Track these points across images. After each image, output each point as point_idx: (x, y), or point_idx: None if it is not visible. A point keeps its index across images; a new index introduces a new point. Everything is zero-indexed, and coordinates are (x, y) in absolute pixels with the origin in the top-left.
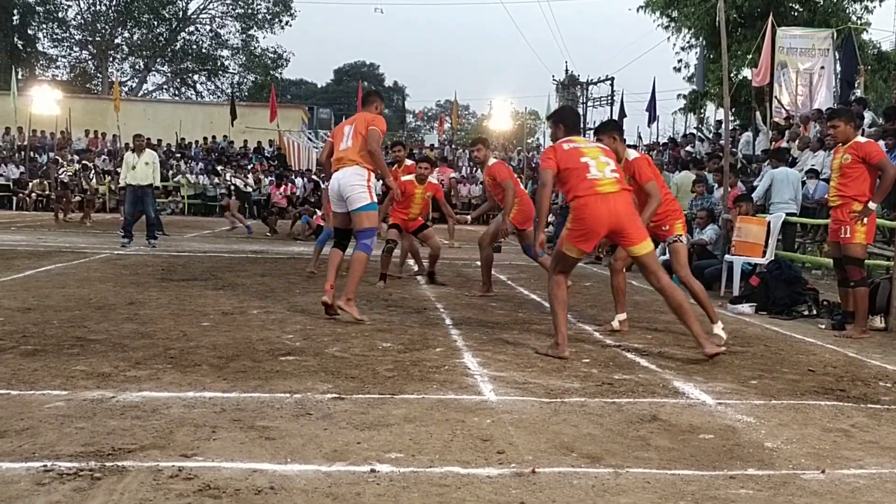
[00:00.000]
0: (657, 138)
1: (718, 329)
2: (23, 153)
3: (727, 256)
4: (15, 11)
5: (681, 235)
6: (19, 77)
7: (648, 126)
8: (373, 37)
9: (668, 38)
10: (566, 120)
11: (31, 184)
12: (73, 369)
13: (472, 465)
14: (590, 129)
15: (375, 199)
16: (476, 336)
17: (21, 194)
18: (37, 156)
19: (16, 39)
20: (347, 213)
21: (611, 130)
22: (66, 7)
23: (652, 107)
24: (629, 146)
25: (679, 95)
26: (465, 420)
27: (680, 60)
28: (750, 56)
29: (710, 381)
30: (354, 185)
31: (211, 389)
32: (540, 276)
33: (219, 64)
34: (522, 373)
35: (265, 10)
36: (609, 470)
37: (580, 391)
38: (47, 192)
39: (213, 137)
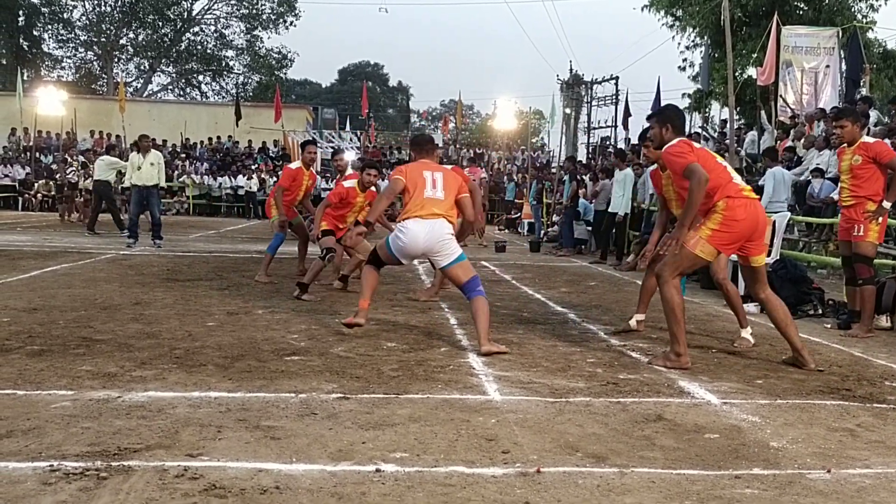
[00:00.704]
0: None
1: (747, 333)
2: (28, 154)
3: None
4: (20, 12)
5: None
6: (25, 78)
7: None
8: (377, 37)
9: (673, 37)
10: (675, 121)
11: (36, 184)
12: (79, 369)
13: (477, 465)
14: (594, 128)
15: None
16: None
17: (27, 195)
18: (42, 156)
19: (21, 40)
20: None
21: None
22: (71, 8)
23: (657, 106)
24: (634, 145)
25: (684, 94)
26: (470, 420)
27: (685, 59)
28: (755, 55)
29: (716, 380)
30: (446, 240)
31: (216, 389)
32: (544, 275)
33: (223, 64)
34: (527, 372)
35: (270, 11)
36: (614, 469)
37: (585, 391)
38: (53, 193)
39: (218, 138)
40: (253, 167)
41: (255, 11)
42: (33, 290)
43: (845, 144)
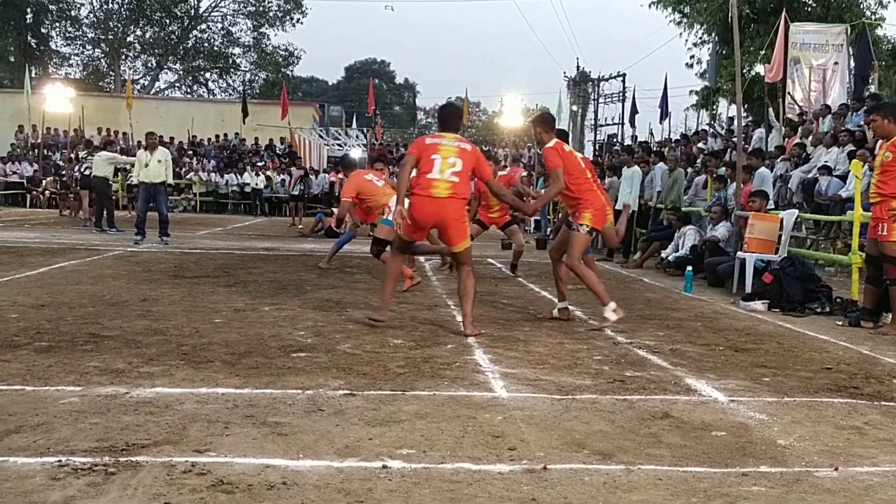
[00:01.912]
0: (669, 135)
1: (609, 311)
2: (36, 151)
3: (740, 253)
4: (28, 10)
5: (582, 225)
6: (33, 75)
7: (660, 122)
8: (384, 34)
9: (681, 33)
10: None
11: (44, 181)
12: (87, 365)
13: (484, 462)
14: (601, 125)
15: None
16: (487, 333)
17: (35, 192)
18: (50, 154)
19: (29, 38)
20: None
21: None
22: (78, 5)
23: (664, 103)
24: (641, 143)
25: (691, 91)
26: (477, 416)
27: (692, 56)
28: (763, 52)
29: (723, 378)
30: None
31: (223, 385)
32: (550, 272)
33: (230, 62)
34: (534, 369)
35: (276, 8)
36: (620, 467)
37: (592, 388)
38: (63, 190)
39: (225, 135)
40: (260, 164)
41: (261, 9)
42: (41, 287)
43: (882, 140)
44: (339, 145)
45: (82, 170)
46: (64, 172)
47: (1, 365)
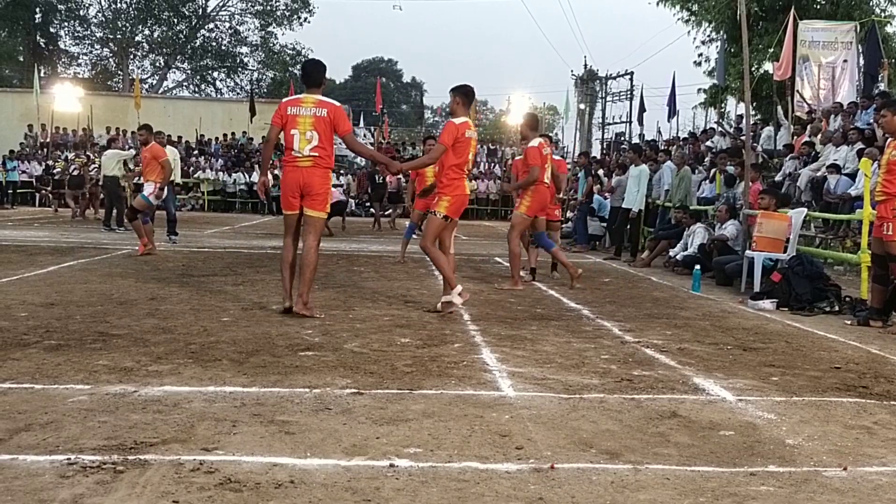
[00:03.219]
0: (677, 133)
1: (455, 295)
2: (45, 150)
3: (748, 252)
4: (37, 10)
5: (438, 212)
6: (41, 75)
7: (668, 121)
8: (391, 33)
9: (689, 31)
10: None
11: (52, 180)
12: (96, 364)
13: (491, 461)
14: (608, 123)
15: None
16: (495, 332)
17: (43, 191)
18: (59, 153)
19: (38, 38)
20: None
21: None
22: (87, 5)
23: (672, 101)
24: (649, 141)
25: (699, 90)
26: (484, 415)
27: (700, 55)
28: (771, 50)
29: (731, 377)
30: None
31: (231, 384)
32: (559, 271)
33: (238, 61)
34: (541, 368)
35: (284, 7)
36: (628, 466)
37: (599, 387)
38: (56, 189)
39: (233, 134)
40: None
41: (269, 8)
42: (50, 286)
43: (891, 138)
44: None
45: (89, 171)
46: (56, 172)
47: (10, 363)
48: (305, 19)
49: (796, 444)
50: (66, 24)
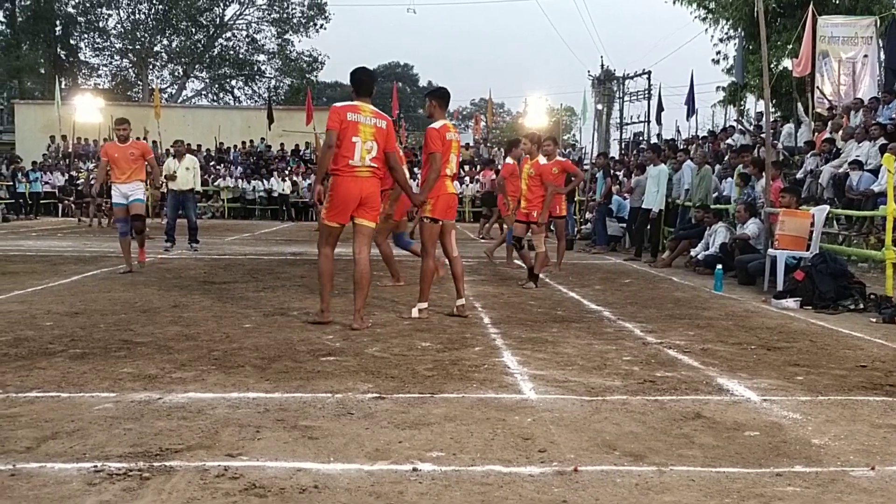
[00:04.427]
0: (696, 132)
1: (417, 308)
2: (67, 161)
3: (770, 250)
4: (57, 22)
5: (425, 217)
6: (62, 87)
7: (687, 119)
8: (406, 38)
9: (706, 29)
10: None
11: (75, 190)
12: (121, 371)
13: (514, 464)
14: (626, 123)
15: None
16: (515, 335)
17: (66, 201)
18: (81, 163)
19: (59, 50)
20: None
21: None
22: (106, 17)
23: (690, 100)
24: (668, 140)
25: (718, 88)
26: (506, 419)
27: (718, 52)
28: (790, 46)
29: (755, 377)
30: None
31: (254, 390)
32: (578, 273)
33: (255, 69)
34: (562, 371)
35: (300, 14)
36: (652, 468)
37: (622, 389)
38: (79, 199)
39: (251, 141)
40: (286, 170)
41: (285, 15)
42: (74, 295)
43: None
44: None
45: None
46: (80, 183)
47: (37, 372)
48: (321, 26)
49: (823, 444)
50: (85, 35)
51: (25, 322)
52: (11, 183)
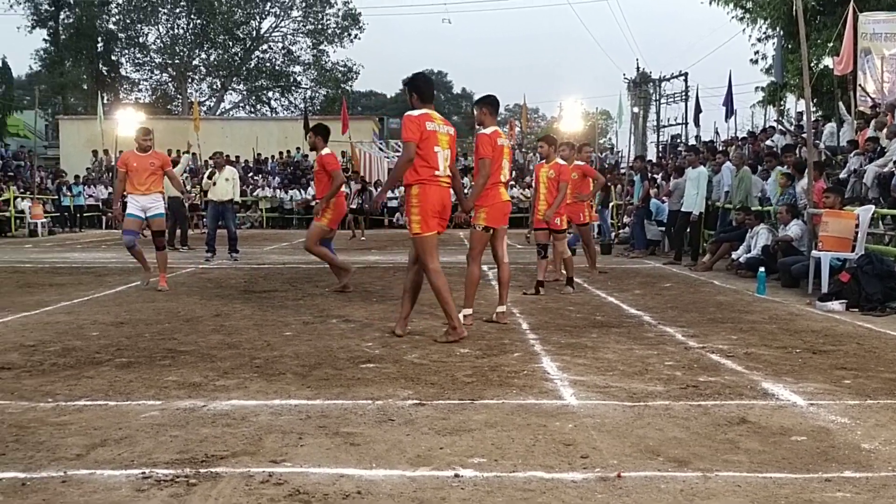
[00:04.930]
0: (735, 133)
1: (462, 314)
2: (110, 174)
3: (814, 252)
4: (99, 39)
5: (477, 224)
6: (105, 101)
7: (726, 121)
8: (440, 46)
9: (743, 29)
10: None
11: (119, 203)
12: (166, 380)
13: (556, 470)
14: (663, 126)
15: None
16: (554, 340)
17: (110, 213)
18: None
19: (100, 66)
20: None
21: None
22: (146, 32)
23: (729, 101)
24: (707, 142)
25: (757, 88)
26: (547, 425)
27: (756, 52)
28: (831, 44)
29: (801, 381)
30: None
31: (296, 397)
32: (616, 277)
33: (291, 80)
34: (603, 377)
35: (335, 25)
36: (697, 474)
37: (664, 394)
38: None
39: (288, 152)
40: None
41: (320, 26)
42: (119, 305)
43: None
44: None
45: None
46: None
47: (85, 381)
48: (356, 36)
49: (872, 449)
50: (126, 51)
51: (73, 332)
52: (57, 197)
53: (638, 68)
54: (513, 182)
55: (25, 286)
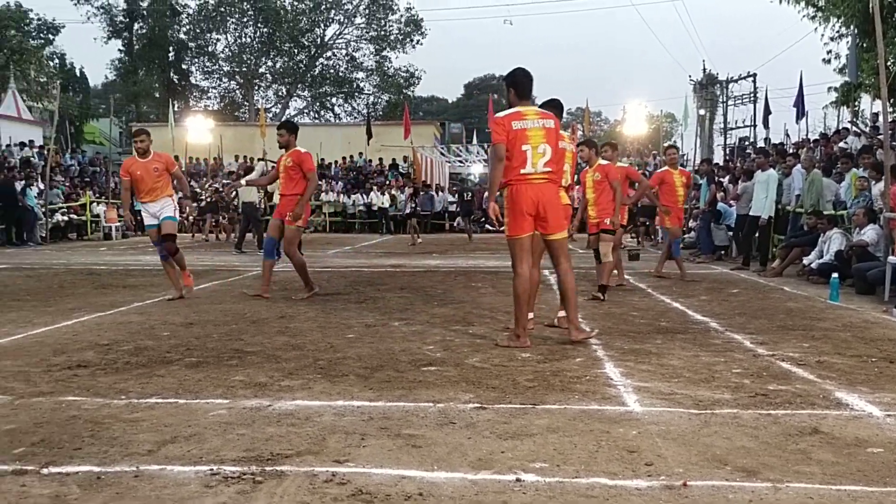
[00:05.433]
0: (807, 135)
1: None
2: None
3: (891, 258)
4: (171, 49)
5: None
6: (175, 109)
7: (797, 122)
8: (502, 49)
9: (815, 28)
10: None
11: (187, 208)
12: (233, 379)
13: (620, 477)
14: (730, 128)
15: None
16: (617, 346)
17: (179, 218)
18: (194, 182)
19: (172, 74)
20: None
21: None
22: (215, 41)
23: (800, 102)
24: (776, 145)
25: (830, 88)
26: (610, 431)
27: (829, 51)
28: None
29: (877, 391)
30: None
31: (358, 398)
32: (682, 283)
33: (354, 86)
34: (668, 383)
35: (397, 31)
36: (767, 484)
37: (732, 402)
38: (202, 216)
39: (351, 157)
40: (385, 184)
41: (383, 33)
42: (189, 306)
43: None
44: (461, 162)
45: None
46: (202, 198)
47: (156, 379)
48: (418, 41)
49: None
50: (196, 60)
51: (145, 332)
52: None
53: (704, 70)
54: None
55: (100, 287)
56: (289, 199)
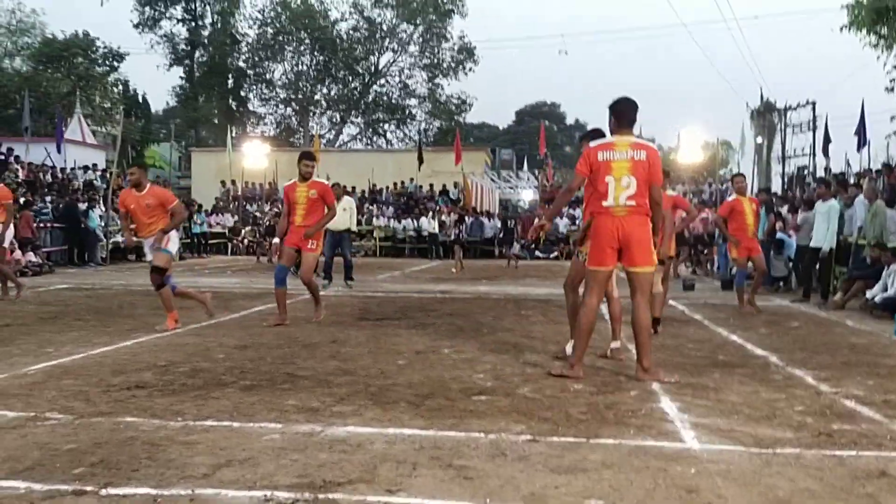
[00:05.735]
0: (869, 164)
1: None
2: (237, 203)
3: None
4: (230, 76)
5: (581, 252)
6: (233, 135)
7: (858, 151)
8: (554, 76)
9: (878, 56)
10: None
11: (243, 231)
12: (286, 404)
13: None
14: (789, 157)
15: None
16: (673, 379)
17: (235, 240)
18: (248, 206)
19: (230, 101)
20: None
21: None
22: (272, 69)
23: (861, 131)
24: (836, 175)
25: (893, 118)
26: (667, 468)
27: (892, 80)
28: None
29: None
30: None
31: (409, 426)
32: (739, 315)
33: (406, 113)
34: (727, 420)
35: (450, 59)
36: None
37: (794, 441)
38: (259, 238)
39: (402, 182)
40: (435, 209)
41: (436, 60)
42: (243, 329)
43: None
44: (511, 188)
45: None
46: (261, 222)
47: (212, 402)
48: (470, 69)
49: None
50: (254, 87)
51: (200, 354)
52: (188, 224)
53: (762, 97)
54: None
55: (158, 309)
56: (305, 229)
